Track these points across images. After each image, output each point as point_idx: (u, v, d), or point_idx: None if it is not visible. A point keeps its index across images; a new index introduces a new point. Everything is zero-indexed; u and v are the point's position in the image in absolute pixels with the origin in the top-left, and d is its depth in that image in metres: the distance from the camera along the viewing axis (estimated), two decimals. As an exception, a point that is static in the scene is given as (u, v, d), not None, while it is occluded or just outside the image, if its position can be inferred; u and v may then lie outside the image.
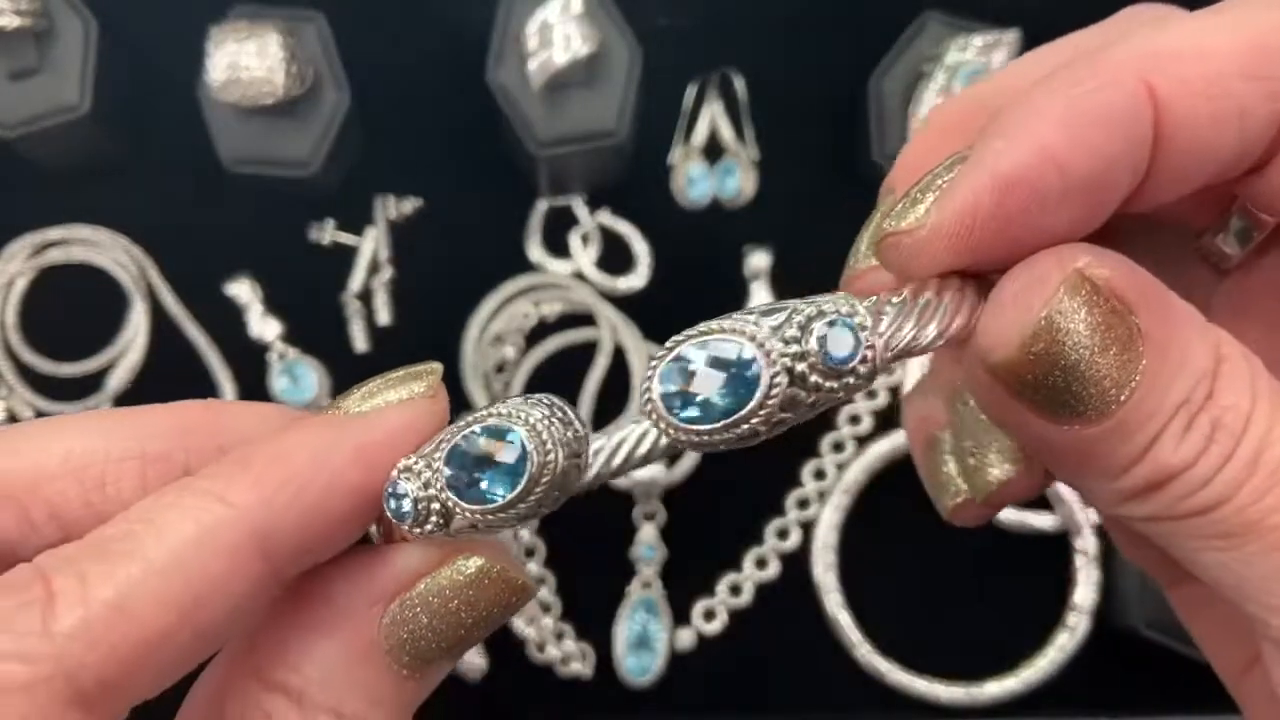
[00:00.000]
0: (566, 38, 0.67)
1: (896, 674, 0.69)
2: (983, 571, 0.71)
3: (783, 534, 0.72)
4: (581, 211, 0.75)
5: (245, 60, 0.67)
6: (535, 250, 0.75)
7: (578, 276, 0.74)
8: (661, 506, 0.71)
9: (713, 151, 0.76)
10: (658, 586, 0.71)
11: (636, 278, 0.74)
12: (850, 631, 0.70)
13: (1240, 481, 0.24)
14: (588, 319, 0.74)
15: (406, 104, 0.76)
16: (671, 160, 0.75)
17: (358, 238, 0.75)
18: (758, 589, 0.72)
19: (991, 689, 0.69)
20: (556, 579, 0.71)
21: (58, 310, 0.74)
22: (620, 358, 0.73)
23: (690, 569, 0.71)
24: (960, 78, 0.68)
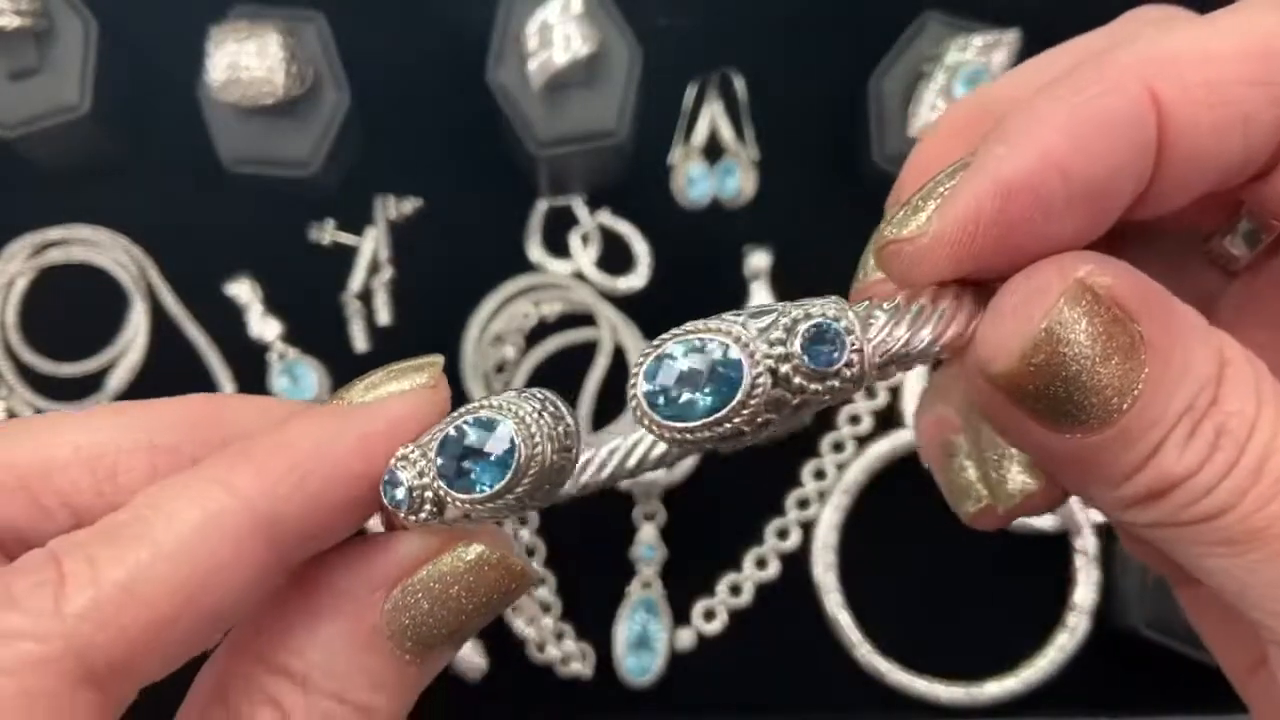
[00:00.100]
0: (566, 38, 0.67)
1: (896, 674, 0.69)
2: (982, 571, 0.71)
3: (783, 534, 0.72)
4: (581, 211, 0.75)
5: (245, 60, 0.67)
6: (535, 250, 0.75)
7: (578, 276, 0.74)
8: (661, 506, 0.71)
9: (713, 151, 0.76)
10: (658, 586, 0.71)
11: (636, 278, 0.74)
12: (850, 631, 0.70)
13: (1244, 489, 0.24)
14: (588, 319, 0.74)
15: (406, 104, 0.76)
16: (671, 160, 0.75)
17: (358, 238, 0.75)
18: (758, 589, 0.72)
19: (991, 689, 0.69)
20: (556, 579, 0.71)
21: (58, 310, 0.74)
22: (620, 358, 0.73)
23: (690, 569, 0.71)
24: (960, 78, 0.67)
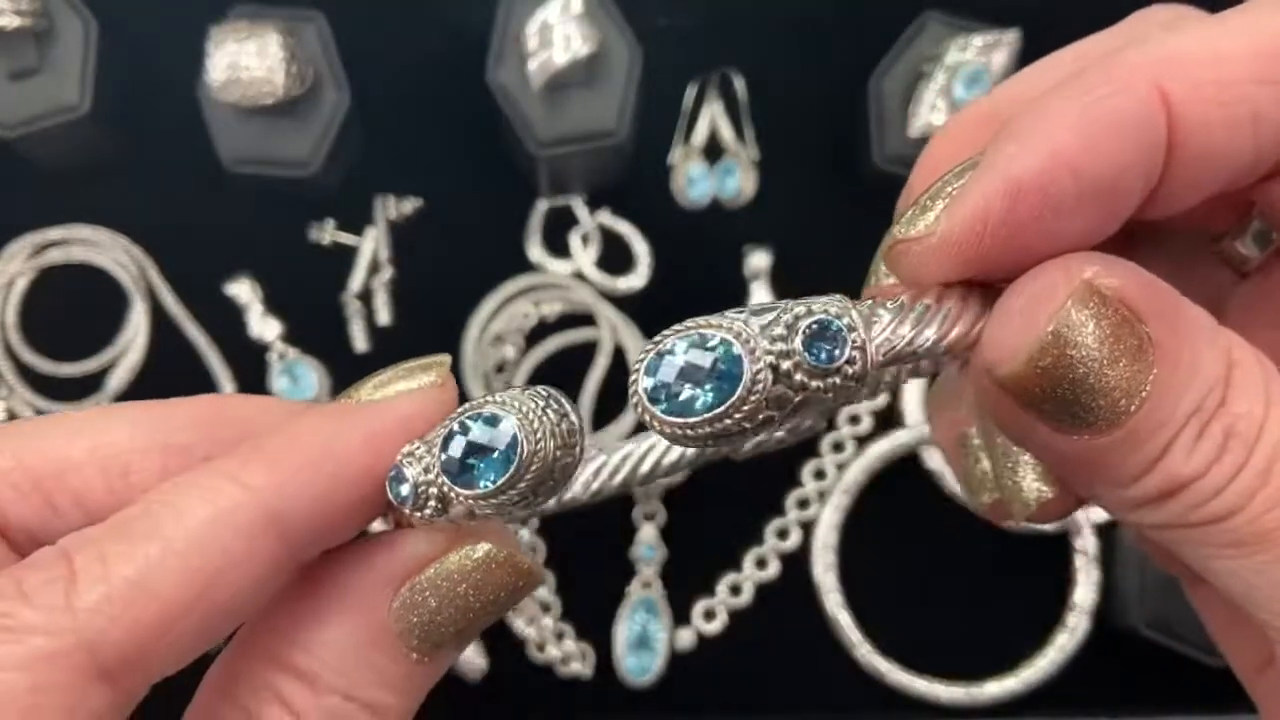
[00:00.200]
0: (566, 38, 0.67)
1: (896, 674, 0.69)
2: (983, 571, 0.71)
3: (783, 534, 0.72)
4: (581, 211, 0.75)
5: (245, 60, 0.67)
6: (535, 250, 0.75)
7: (578, 276, 0.74)
8: (661, 506, 0.71)
9: (713, 151, 0.76)
10: (658, 586, 0.71)
11: (636, 278, 0.74)
12: (850, 631, 0.70)
13: (1253, 491, 0.24)
14: (588, 319, 0.74)
15: (406, 104, 0.76)
16: (671, 160, 0.75)
17: (358, 238, 0.75)
18: (758, 589, 0.72)
19: (991, 689, 0.69)
20: (556, 579, 0.71)
21: (58, 310, 0.74)
22: (620, 358, 0.73)
23: (690, 569, 0.71)
24: (960, 78, 0.67)
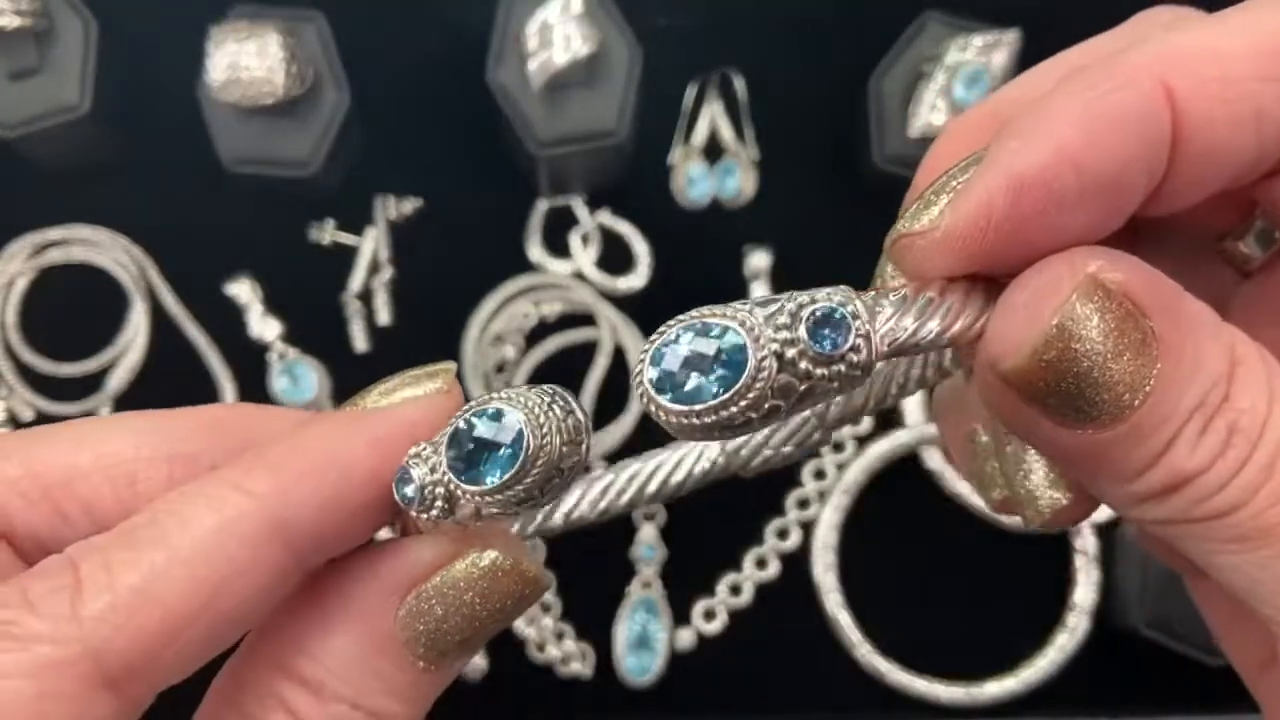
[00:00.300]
0: (566, 38, 0.67)
1: (896, 674, 0.69)
2: (983, 571, 0.72)
3: (783, 534, 0.72)
4: (581, 211, 0.75)
5: (245, 60, 0.67)
6: (535, 250, 0.75)
7: (578, 276, 0.74)
8: (661, 506, 0.71)
9: (713, 151, 0.76)
10: (658, 586, 0.71)
11: (636, 278, 0.74)
12: (850, 631, 0.70)
13: (1257, 486, 0.24)
14: (588, 319, 0.74)
15: (406, 104, 0.76)
16: (671, 160, 0.75)
17: (358, 238, 0.75)
18: (758, 589, 0.72)
19: (991, 689, 0.69)
20: (557, 579, 0.71)
21: (58, 310, 0.74)
22: (620, 358, 0.73)
23: (690, 569, 0.71)
24: (960, 78, 0.68)
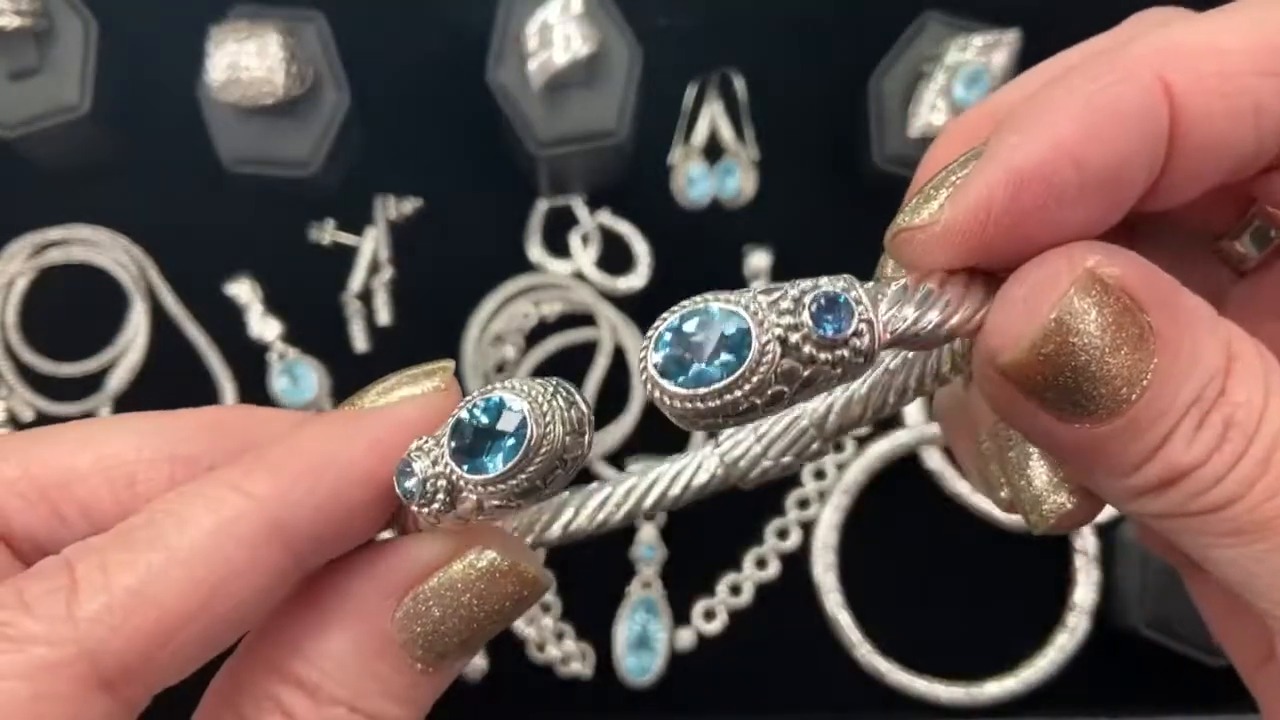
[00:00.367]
0: (566, 38, 0.67)
1: (896, 674, 0.69)
2: (983, 571, 0.71)
3: (783, 534, 0.72)
4: (581, 211, 0.75)
5: (245, 60, 0.67)
6: (535, 250, 0.75)
7: (578, 276, 0.74)
8: (662, 506, 0.71)
9: (713, 151, 0.76)
10: (658, 586, 0.71)
11: (636, 278, 0.74)
12: (850, 631, 0.70)
13: (1253, 480, 0.24)
14: (588, 319, 0.74)
15: (406, 104, 0.76)
16: (671, 160, 0.75)
17: (358, 238, 0.75)
18: (758, 589, 0.72)
19: (991, 689, 0.69)
20: (557, 579, 0.71)
21: (58, 310, 0.74)
22: (620, 358, 0.73)
23: (690, 569, 0.71)
24: (960, 78, 0.68)
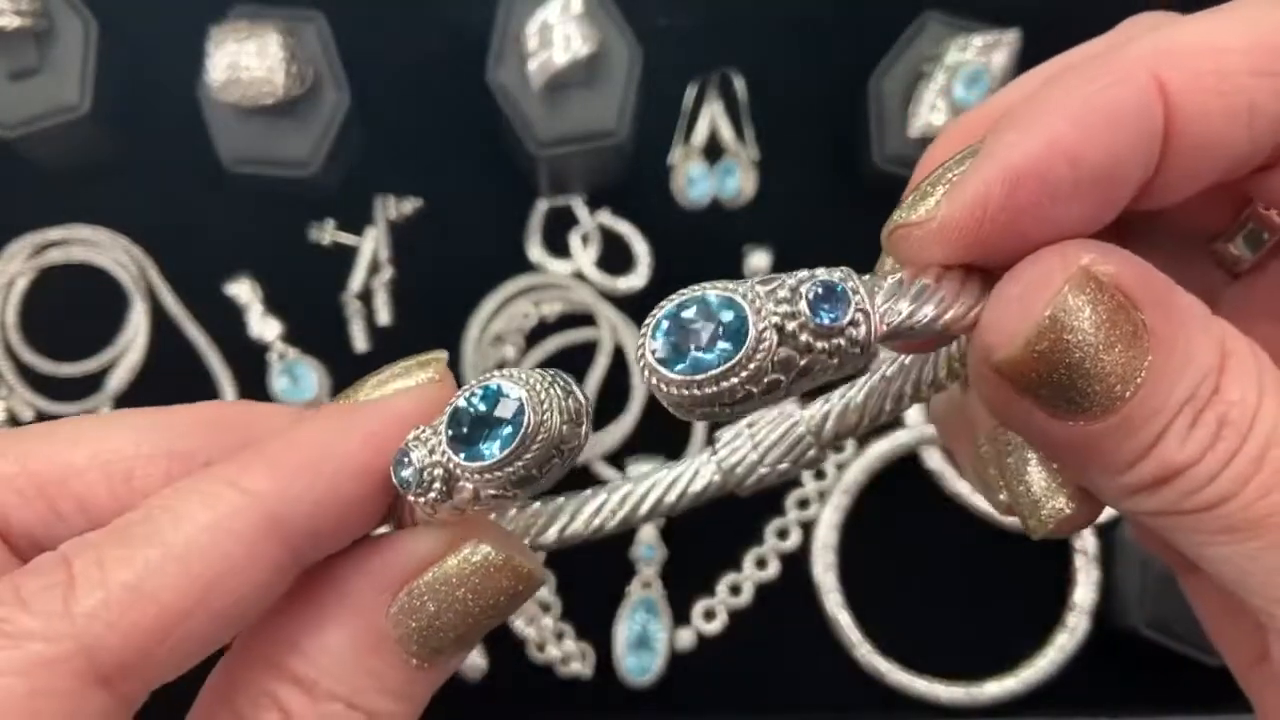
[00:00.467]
0: (566, 38, 0.67)
1: (896, 674, 0.69)
2: (983, 571, 0.71)
3: (783, 534, 0.72)
4: (581, 211, 0.75)
5: (245, 60, 0.67)
6: (535, 250, 0.75)
7: (578, 276, 0.74)
8: (661, 506, 0.71)
9: (713, 151, 0.76)
10: (658, 586, 0.71)
11: (636, 278, 0.74)
12: (850, 631, 0.70)
13: (1246, 477, 0.24)
14: (588, 319, 0.74)
15: (406, 104, 0.76)
16: (671, 160, 0.75)
17: (358, 238, 0.75)
18: (758, 589, 0.71)
19: (991, 689, 0.69)
20: (556, 579, 0.71)
21: (58, 310, 0.74)
22: (620, 358, 0.73)
23: (690, 569, 0.71)
24: (960, 78, 0.68)
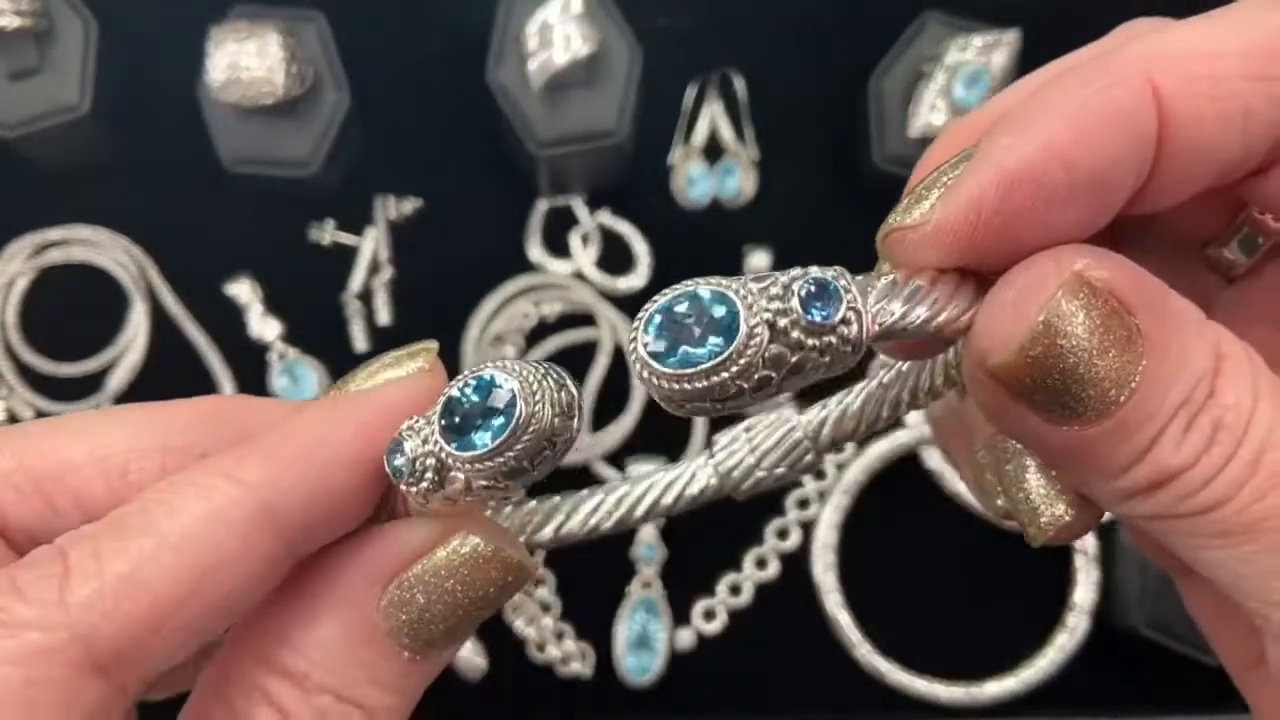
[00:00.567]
0: (566, 38, 0.67)
1: (896, 674, 0.69)
2: (983, 571, 0.71)
3: (783, 534, 0.72)
4: (581, 211, 0.75)
5: (245, 60, 0.67)
6: (535, 250, 0.75)
7: (578, 276, 0.74)
8: (661, 506, 0.71)
9: (713, 151, 0.76)
10: (658, 586, 0.71)
11: (636, 278, 0.74)
12: (850, 631, 0.70)
13: (1241, 482, 0.24)
14: (588, 319, 0.74)
15: (406, 104, 0.76)
16: (671, 160, 0.75)
17: (358, 238, 0.75)
18: (758, 589, 0.71)
19: (991, 689, 0.69)
20: (556, 579, 0.71)
21: (58, 310, 0.74)
22: (620, 358, 0.73)
23: (690, 569, 0.71)
24: (960, 78, 0.67)
